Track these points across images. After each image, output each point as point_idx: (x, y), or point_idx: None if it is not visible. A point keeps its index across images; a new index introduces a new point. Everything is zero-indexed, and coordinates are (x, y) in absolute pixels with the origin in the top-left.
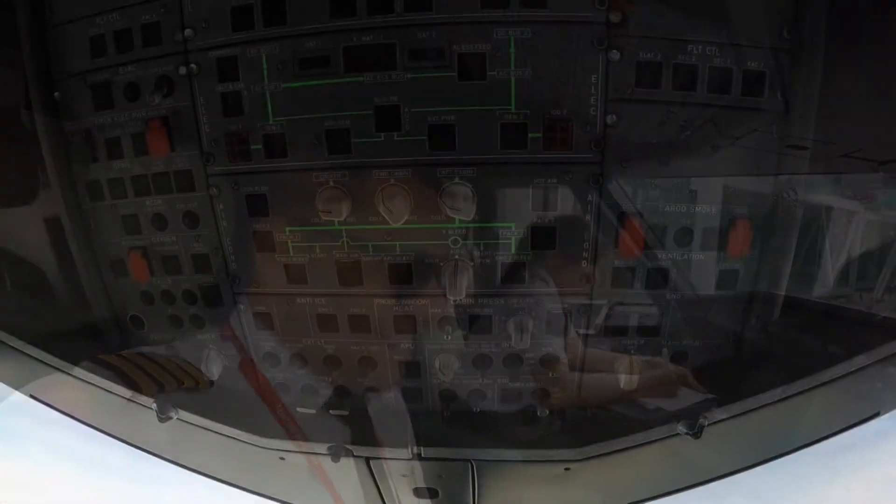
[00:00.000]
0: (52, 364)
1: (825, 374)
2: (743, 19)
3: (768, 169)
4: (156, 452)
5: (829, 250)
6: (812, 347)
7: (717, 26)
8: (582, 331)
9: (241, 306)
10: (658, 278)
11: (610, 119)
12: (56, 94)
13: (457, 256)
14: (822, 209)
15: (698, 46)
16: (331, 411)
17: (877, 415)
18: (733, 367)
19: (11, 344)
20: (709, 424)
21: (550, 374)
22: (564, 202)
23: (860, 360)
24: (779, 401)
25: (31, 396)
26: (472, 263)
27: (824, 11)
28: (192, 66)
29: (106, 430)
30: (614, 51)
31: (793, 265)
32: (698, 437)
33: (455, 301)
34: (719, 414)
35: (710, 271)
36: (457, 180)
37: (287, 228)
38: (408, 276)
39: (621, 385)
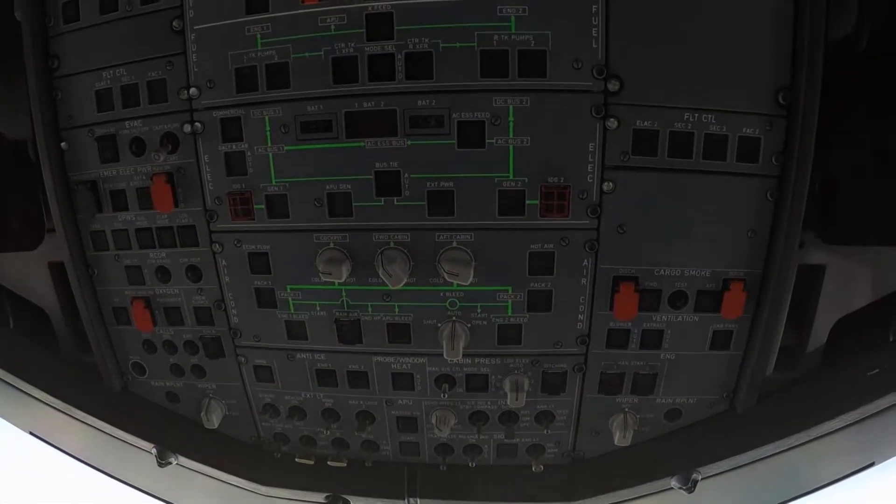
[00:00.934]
0: (53, 405)
1: (820, 428)
2: (739, 86)
3: (763, 231)
4: (154, 493)
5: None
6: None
7: (714, 93)
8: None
9: (242, 358)
10: (653, 339)
11: (606, 186)
12: (63, 143)
13: (454, 318)
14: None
15: (694, 114)
16: (329, 462)
17: (871, 465)
18: (728, 421)
19: (12, 383)
20: (703, 479)
21: (546, 431)
22: (561, 266)
23: (854, 415)
24: (775, 454)
25: (31, 434)
26: (468, 325)
27: (819, 75)
28: (197, 124)
29: (104, 469)
30: (611, 119)
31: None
32: (692, 492)
33: (452, 361)
34: (713, 468)
35: (704, 332)
36: (455, 245)
37: (288, 286)
38: (406, 335)
39: (616, 442)
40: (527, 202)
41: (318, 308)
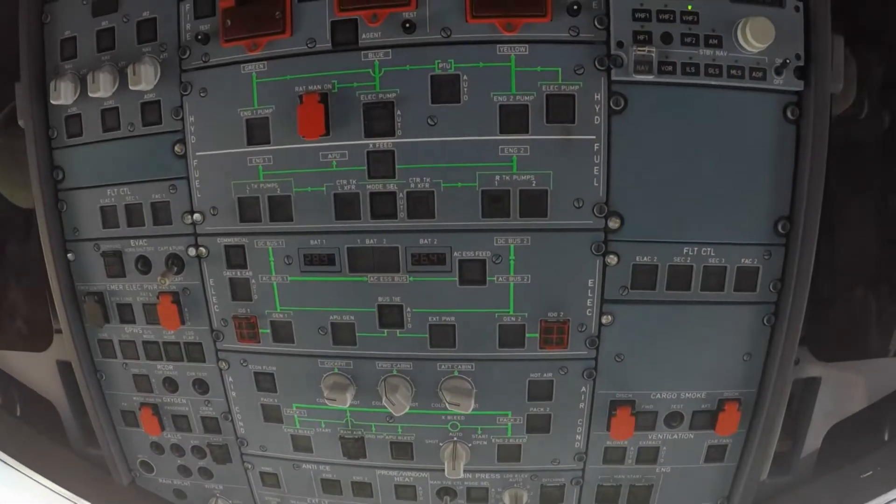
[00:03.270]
0: (60, 494)
1: None
2: (739, 219)
3: (758, 354)
4: None
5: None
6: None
7: (713, 227)
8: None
9: (249, 465)
10: (649, 455)
11: (605, 319)
12: (70, 255)
13: (455, 438)
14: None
15: (693, 248)
16: None
17: None
18: None
19: (19, 469)
20: None
21: None
22: (559, 393)
23: None
24: None
25: None
26: (469, 444)
27: (819, 204)
28: (202, 249)
29: None
30: (611, 255)
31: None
32: None
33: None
34: None
35: (699, 447)
36: (456, 374)
37: (294, 404)
38: (409, 453)
39: None
40: (527, 335)
41: (322, 426)
